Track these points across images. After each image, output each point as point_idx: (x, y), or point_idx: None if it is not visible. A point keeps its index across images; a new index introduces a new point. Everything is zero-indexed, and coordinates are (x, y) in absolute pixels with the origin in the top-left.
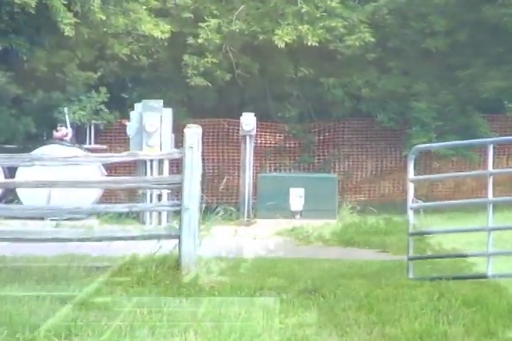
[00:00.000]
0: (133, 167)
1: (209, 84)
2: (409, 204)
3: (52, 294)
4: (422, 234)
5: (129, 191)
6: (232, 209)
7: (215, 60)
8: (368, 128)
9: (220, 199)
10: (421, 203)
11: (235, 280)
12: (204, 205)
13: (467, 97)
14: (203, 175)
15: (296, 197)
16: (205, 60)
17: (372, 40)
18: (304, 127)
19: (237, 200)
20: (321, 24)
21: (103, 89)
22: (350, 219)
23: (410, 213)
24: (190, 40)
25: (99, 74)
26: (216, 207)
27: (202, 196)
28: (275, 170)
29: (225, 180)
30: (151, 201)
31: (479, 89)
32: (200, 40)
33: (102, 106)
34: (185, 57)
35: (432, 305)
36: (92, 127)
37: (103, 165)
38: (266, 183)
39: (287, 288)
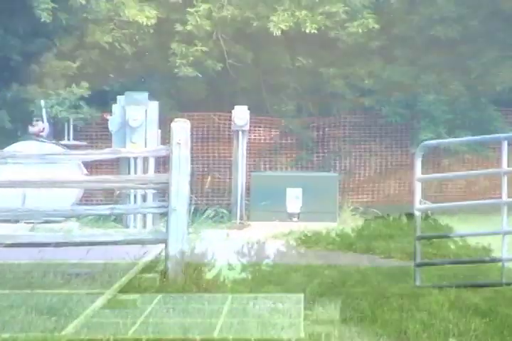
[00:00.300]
0: (115, 165)
1: (198, 75)
2: (416, 205)
3: (28, 304)
4: (430, 238)
5: (111, 191)
6: (224, 211)
7: (205, 49)
8: (371, 122)
9: (211, 200)
10: (429, 204)
11: (226, 288)
12: (193, 207)
13: (480, 89)
14: (192, 174)
15: (293, 198)
16: (195, 48)
17: (377, 26)
18: (302, 122)
19: (229, 201)
20: (321, 10)
21: (84, 84)
22: (352, 221)
23: (417, 215)
24: (178, 27)
25: (78, 63)
26: (206, 209)
27: (190, 197)
28: (270, 168)
29: (209, 179)
30: (135, 202)
31: (493, 81)
32: (188, 27)
33: (82, 103)
34: (173, 45)
35: (441, 315)
36: (71, 122)
37: (83, 163)
38: (260, 183)
39: (283, 296)
